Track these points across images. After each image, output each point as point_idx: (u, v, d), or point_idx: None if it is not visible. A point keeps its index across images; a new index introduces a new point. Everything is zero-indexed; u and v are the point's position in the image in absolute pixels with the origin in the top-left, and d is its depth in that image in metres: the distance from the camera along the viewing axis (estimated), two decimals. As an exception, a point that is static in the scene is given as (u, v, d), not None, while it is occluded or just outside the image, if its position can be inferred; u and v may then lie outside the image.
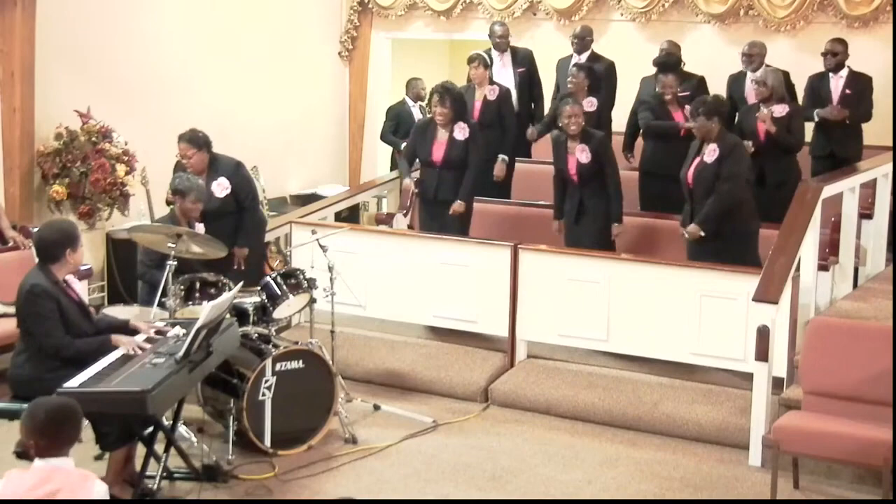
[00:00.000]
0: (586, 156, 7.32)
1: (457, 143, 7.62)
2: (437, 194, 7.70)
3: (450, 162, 7.64)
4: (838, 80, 8.50)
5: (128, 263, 8.31)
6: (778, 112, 7.81)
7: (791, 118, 7.84)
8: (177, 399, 5.35)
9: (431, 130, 7.77)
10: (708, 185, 6.80)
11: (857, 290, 7.52)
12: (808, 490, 5.60)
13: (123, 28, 8.82)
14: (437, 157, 7.67)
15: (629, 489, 5.60)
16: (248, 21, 10.04)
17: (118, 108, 8.43)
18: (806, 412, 5.53)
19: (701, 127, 6.86)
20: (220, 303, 5.25)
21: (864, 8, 9.25)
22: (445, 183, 7.68)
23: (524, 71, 9.11)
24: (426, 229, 7.81)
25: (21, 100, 7.91)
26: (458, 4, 10.80)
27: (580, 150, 7.34)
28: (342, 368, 6.66)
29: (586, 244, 7.26)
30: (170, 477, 5.40)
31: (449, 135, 7.65)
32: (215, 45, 9.68)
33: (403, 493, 5.50)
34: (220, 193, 6.81)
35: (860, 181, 7.55)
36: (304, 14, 10.89)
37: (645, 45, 9.86)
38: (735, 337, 6.34)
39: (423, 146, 7.79)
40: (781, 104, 7.85)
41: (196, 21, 9.50)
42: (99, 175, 8.04)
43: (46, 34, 8.06)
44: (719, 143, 6.82)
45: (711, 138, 6.84)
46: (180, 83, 9.19)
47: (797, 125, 7.93)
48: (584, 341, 7.02)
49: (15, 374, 5.28)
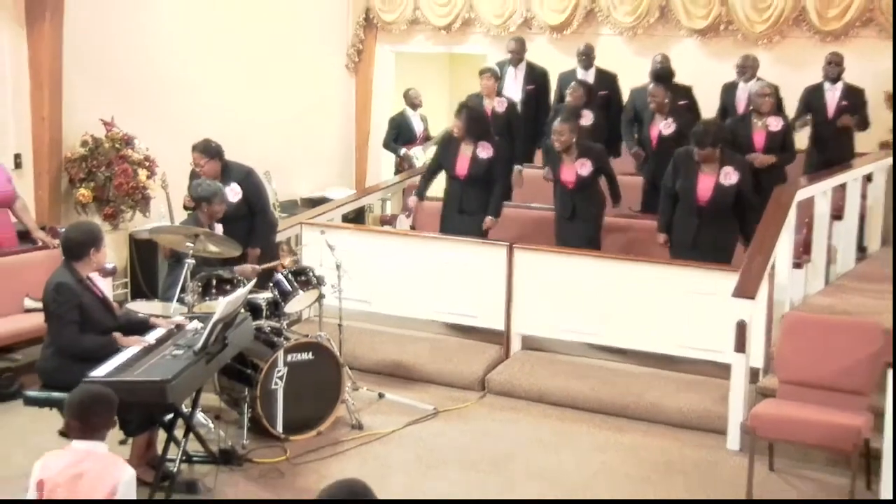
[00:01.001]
0: (587, 169, 7.34)
1: (480, 161, 7.59)
2: (462, 206, 7.70)
3: (473, 177, 7.62)
4: (835, 91, 8.49)
5: (149, 262, 8.35)
6: (773, 125, 7.82)
7: (785, 133, 7.85)
8: (195, 388, 5.36)
9: (455, 145, 7.75)
10: (727, 206, 6.81)
11: (829, 286, 7.53)
12: (782, 472, 5.61)
13: (146, 44, 8.83)
14: (460, 172, 7.66)
15: (617, 472, 5.61)
16: (261, 38, 10.04)
17: (140, 118, 8.44)
18: (781, 400, 5.53)
19: (710, 154, 6.82)
20: (235, 298, 5.26)
21: (836, 23, 9.28)
22: (469, 196, 7.67)
23: (532, 88, 9.12)
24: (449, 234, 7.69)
25: (49, 109, 7.91)
26: (457, 20, 10.83)
27: (580, 164, 7.35)
28: (349, 360, 6.67)
29: (575, 244, 7.28)
30: (189, 460, 5.41)
31: (473, 151, 7.63)
32: (231, 59, 9.68)
33: (406, 475, 5.51)
34: (232, 198, 6.82)
35: (831, 185, 7.56)
36: (313, 30, 10.90)
37: (632, 57, 9.89)
38: (716, 330, 6.34)
39: (447, 159, 7.78)
40: (776, 117, 7.86)
41: (214, 38, 9.50)
42: (122, 179, 8.06)
43: (73, 48, 8.06)
44: (736, 166, 6.83)
45: (714, 160, 6.84)
46: (199, 95, 9.20)
47: (790, 140, 7.95)
48: (575, 334, 7.03)
49: (43, 365, 5.28)
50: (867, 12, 9.11)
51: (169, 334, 5.31)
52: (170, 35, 9.07)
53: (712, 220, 6.86)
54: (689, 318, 6.51)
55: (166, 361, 4.90)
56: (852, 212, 7.96)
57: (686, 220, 6.96)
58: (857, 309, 6.75)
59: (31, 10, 7.77)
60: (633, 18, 10.02)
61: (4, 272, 6.84)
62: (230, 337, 5.34)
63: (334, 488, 2.95)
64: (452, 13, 10.83)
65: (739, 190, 6.80)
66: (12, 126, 7.79)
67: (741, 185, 6.81)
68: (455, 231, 7.62)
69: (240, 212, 6.87)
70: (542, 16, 10.43)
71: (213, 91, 9.43)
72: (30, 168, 7.96)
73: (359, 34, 11.31)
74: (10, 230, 7.10)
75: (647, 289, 6.67)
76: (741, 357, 5.93)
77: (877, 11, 9.06)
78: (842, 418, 5.20)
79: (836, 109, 8.45)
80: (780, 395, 5.59)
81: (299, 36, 10.65)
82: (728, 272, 6.31)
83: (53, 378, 5.02)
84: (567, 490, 5.37)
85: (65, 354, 5.10)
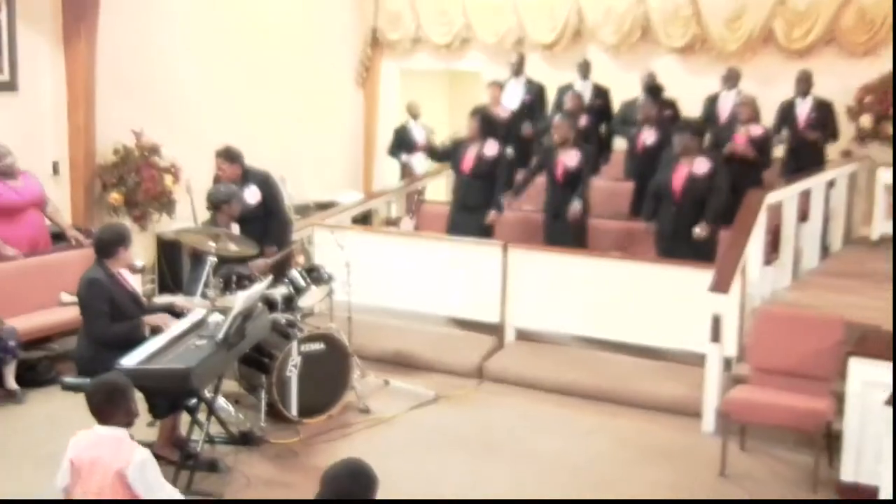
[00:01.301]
0: (575, 161, 7.36)
1: (485, 158, 7.60)
2: (465, 201, 7.69)
3: (477, 173, 7.62)
4: (805, 104, 8.51)
5: (174, 259, 8.35)
6: (755, 132, 7.83)
7: (765, 140, 7.86)
8: (217, 375, 5.37)
9: (464, 146, 7.77)
10: (699, 194, 6.78)
11: (796, 282, 7.53)
12: (752, 452, 5.62)
13: (172, 62, 8.84)
14: (466, 168, 7.67)
15: (603, 452, 5.61)
16: (278, 55, 10.03)
17: (167, 129, 8.43)
18: (752, 386, 5.53)
19: (688, 144, 6.83)
20: (253, 293, 5.27)
21: (801, 43, 9.30)
22: (472, 190, 7.66)
23: (529, 100, 9.15)
24: (455, 230, 7.72)
25: (84, 121, 7.92)
26: (456, 39, 10.84)
27: (571, 155, 7.36)
28: (357, 349, 6.66)
29: (564, 241, 7.28)
30: (211, 441, 5.41)
31: (478, 149, 7.64)
32: (250, 75, 9.68)
33: (409, 455, 5.51)
34: (251, 200, 6.81)
35: (798, 190, 7.57)
36: (325, 48, 10.88)
37: (617, 73, 9.88)
38: (693, 323, 6.34)
39: (456, 158, 7.79)
40: (757, 125, 7.88)
41: (234, 56, 9.49)
42: (150, 185, 8.06)
43: (106, 66, 8.08)
44: (709, 157, 6.82)
45: (691, 153, 6.83)
46: (220, 108, 9.19)
47: (769, 146, 7.96)
48: (565, 327, 7.03)
49: (78, 354, 5.31)
50: (829, 33, 9.16)
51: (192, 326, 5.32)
52: (194, 54, 9.07)
53: (689, 209, 6.82)
54: (668, 311, 6.50)
55: (190, 351, 4.91)
56: (817, 215, 7.97)
57: (666, 212, 6.95)
58: (820, 303, 6.76)
59: (68, 32, 7.82)
60: (617, 37, 10.01)
61: (42, 270, 6.85)
62: (249, 329, 5.34)
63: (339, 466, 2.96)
64: (452, 33, 10.83)
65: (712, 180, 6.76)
66: (51, 136, 7.82)
67: (712, 174, 6.77)
68: (459, 226, 7.62)
69: (258, 213, 6.87)
70: (534, 35, 10.42)
71: (233, 104, 9.42)
72: (66, 174, 7.99)
73: (366, 52, 11.32)
74: (44, 231, 7.12)
75: (630, 285, 6.66)
76: (716, 347, 5.95)
77: (837, 32, 9.09)
78: (807, 402, 5.20)
79: (805, 121, 8.46)
80: (751, 381, 5.60)
81: (313, 53, 10.65)
82: (704, 270, 6.30)
83: (88, 365, 5.03)
84: (557, 469, 5.38)
85: (97, 343, 5.12)
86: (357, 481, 2.96)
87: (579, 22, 10.17)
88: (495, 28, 10.59)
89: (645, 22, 9.86)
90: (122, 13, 8.26)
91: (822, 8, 9.12)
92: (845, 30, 9.03)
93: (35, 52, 7.69)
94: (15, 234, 6.76)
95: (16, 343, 6.18)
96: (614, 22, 9.98)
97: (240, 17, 9.61)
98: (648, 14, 9.80)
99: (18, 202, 6.80)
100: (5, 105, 7.51)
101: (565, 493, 5.08)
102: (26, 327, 6.43)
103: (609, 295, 6.72)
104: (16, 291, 6.59)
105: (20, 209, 6.82)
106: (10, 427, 5.79)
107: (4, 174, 6.71)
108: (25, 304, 6.66)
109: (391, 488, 4.94)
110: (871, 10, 8.94)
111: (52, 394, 6.04)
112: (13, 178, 6.78)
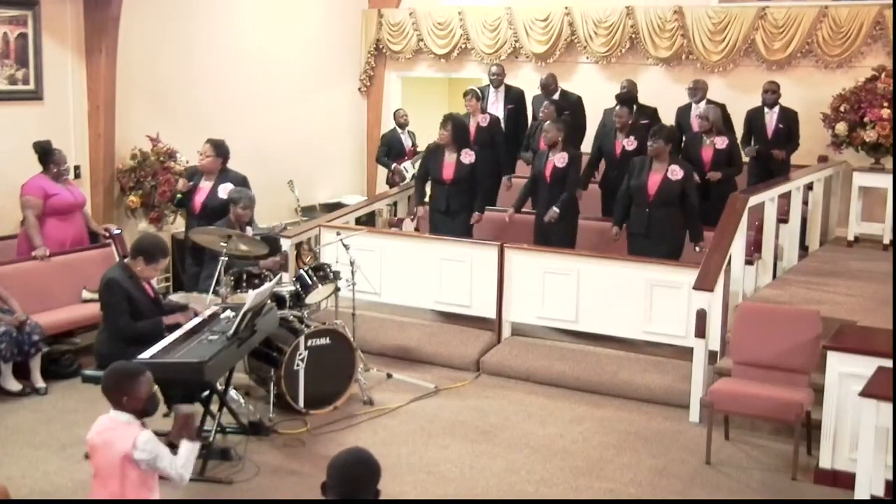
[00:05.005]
0: (563, 161, 7.35)
1: (463, 166, 7.56)
2: (448, 206, 7.65)
3: (457, 181, 7.59)
4: (772, 114, 8.50)
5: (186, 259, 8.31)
6: (719, 144, 7.79)
7: (731, 150, 7.82)
8: (228, 368, 5.35)
9: (440, 153, 7.70)
10: (671, 198, 6.77)
11: (776, 280, 7.51)
12: (735, 440, 5.61)
13: (187, 72, 8.82)
14: (447, 177, 7.60)
15: (594, 441, 5.60)
16: (286, 65, 10.01)
17: (182, 135, 8.40)
18: (735, 378, 5.52)
19: (658, 148, 6.82)
20: (262, 291, 5.25)
21: (780, 54, 9.28)
22: (454, 197, 7.63)
23: (512, 108, 9.10)
24: (437, 234, 7.66)
25: (104, 127, 7.93)
26: (455, 49, 10.80)
27: (559, 157, 7.36)
28: (361, 344, 6.65)
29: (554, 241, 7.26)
30: (222, 431, 5.40)
31: (457, 158, 7.60)
32: (260, 84, 9.65)
33: (411, 444, 5.50)
34: (223, 195, 6.80)
35: (778, 193, 7.55)
36: (331, 58, 10.86)
37: (606, 83, 9.86)
38: (679, 318, 6.33)
39: (434, 166, 7.72)
40: (721, 136, 7.83)
41: (246, 66, 9.46)
42: (165, 188, 8.02)
43: (125, 76, 8.08)
44: (681, 166, 6.81)
45: (664, 158, 6.81)
46: (232, 115, 9.15)
47: (737, 155, 7.92)
48: (558, 322, 7.00)
49: (98, 348, 5.32)
50: (806, 45, 9.15)
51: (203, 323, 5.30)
52: (207, 64, 9.05)
53: (661, 211, 6.79)
54: (656, 308, 6.49)
55: (203, 345, 4.90)
56: (796, 216, 7.95)
57: (639, 213, 6.92)
58: (800, 299, 6.74)
59: (90, 45, 7.84)
60: (607, 49, 9.99)
61: (65, 268, 6.86)
62: (258, 324, 5.33)
63: (344, 454, 2.95)
64: (451, 44, 10.81)
65: (684, 187, 6.75)
66: (73, 142, 7.82)
67: (685, 182, 6.76)
68: (443, 230, 7.59)
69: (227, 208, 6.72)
70: (528, 46, 10.39)
71: (244, 111, 9.39)
72: (87, 178, 7.98)
73: (370, 62, 11.29)
74: (85, 231, 7.22)
75: (620, 283, 6.63)
76: (701, 341, 5.93)
77: (814, 44, 9.10)
78: (786, 394, 5.20)
79: (773, 131, 8.48)
80: (734, 374, 5.58)
81: (319, 63, 10.63)
82: (689, 268, 6.29)
83: (107, 359, 4.96)
84: (550, 455, 5.36)
85: (119, 338, 5.13)
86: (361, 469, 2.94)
87: (571, 33, 10.14)
88: (492, 39, 10.57)
89: (633, 34, 9.84)
90: (140, 27, 8.25)
91: (800, 21, 9.12)
92: (821, 42, 9.06)
93: (59, 64, 7.70)
94: (66, 233, 6.99)
95: (40, 338, 6.17)
96: (605, 34, 9.98)
97: (252, 32, 9.58)
98: (637, 26, 9.79)
99: (73, 203, 7.02)
100: (32, 113, 7.53)
101: (559, 474, 5.07)
102: (50, 322, 6.44)
103: (599, 292, 6.69)
104: (41, 289, 6.63)
105: (72, 210, 7.03)
106: (34, 418, 5.77)
107: (63, 177, 6.94)
108: (50, 300, 6.69)
109: (395, 473, 4.95)
110: (845, 23, 8.95)
111: (74, 386, 6.04)
112: (68, 182, 7.05)
